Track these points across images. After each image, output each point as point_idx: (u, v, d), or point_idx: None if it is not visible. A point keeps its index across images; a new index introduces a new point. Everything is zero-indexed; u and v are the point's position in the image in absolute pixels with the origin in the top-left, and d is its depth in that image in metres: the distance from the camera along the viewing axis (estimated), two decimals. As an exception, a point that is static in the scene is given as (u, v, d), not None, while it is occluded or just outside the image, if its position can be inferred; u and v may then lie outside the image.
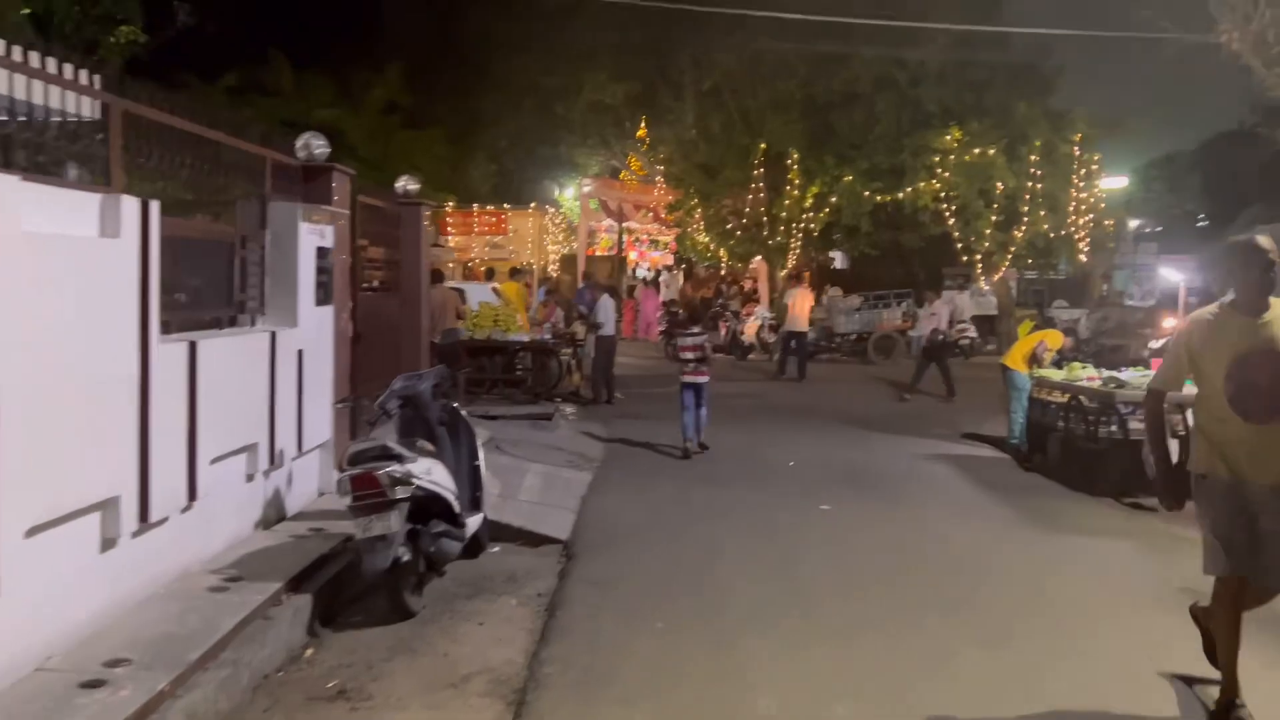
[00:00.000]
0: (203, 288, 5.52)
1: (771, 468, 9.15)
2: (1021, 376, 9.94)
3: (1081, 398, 8.82)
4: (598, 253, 30.87)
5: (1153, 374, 8.31)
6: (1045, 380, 9.59)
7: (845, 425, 11.93)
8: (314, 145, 6.71)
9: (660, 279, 26.52)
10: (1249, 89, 17.02)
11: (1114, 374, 8.95)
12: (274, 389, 5.91)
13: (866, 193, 20.15)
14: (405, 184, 9.90)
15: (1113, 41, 16.25)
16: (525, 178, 30.27)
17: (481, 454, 6.26)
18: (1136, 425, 8.19)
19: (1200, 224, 38.13)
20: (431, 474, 5.61)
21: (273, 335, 5.93)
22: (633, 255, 32.18)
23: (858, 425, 11.94)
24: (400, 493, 5.24)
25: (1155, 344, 13.40)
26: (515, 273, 16.99)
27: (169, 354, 4.65)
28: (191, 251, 5.28)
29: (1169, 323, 14.89)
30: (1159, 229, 38.70)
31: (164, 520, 4.64)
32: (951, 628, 5.04)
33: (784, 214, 21.29)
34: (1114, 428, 8.43)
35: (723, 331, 19.90)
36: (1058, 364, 10.05)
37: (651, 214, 24.74)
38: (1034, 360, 9.90)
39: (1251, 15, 13.38)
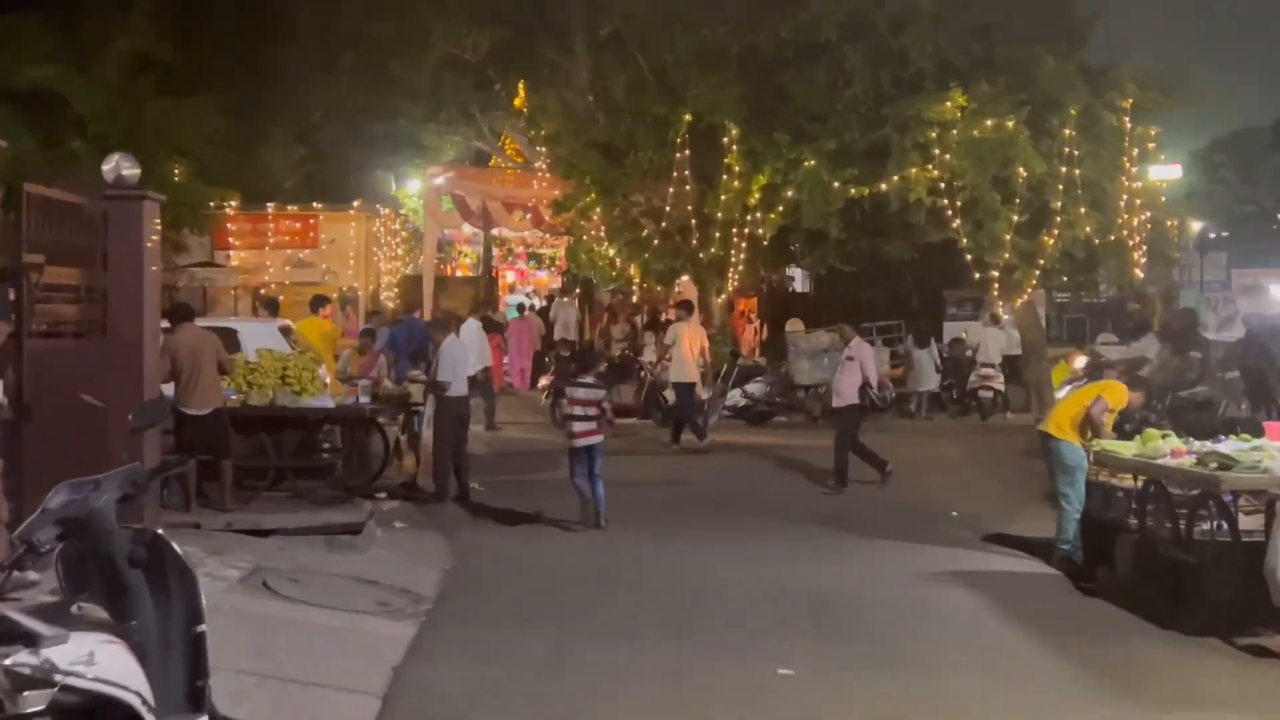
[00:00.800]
0: None
1: (701, 600, 8.99)
2: (1074, 450, 9.86)
3: (1165, 482, 8.84)
4: (457, 273, 30.54)
5: (1270, 444, 8.54)
6: (1109, 456, 9.56)
7: (809, 525, 11.98)
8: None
9: (550, 310, 26.15)
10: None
11: (1212, 446, 8.80)
12: None
13: (836, 184, 19.61)
14: (118, 166, 8.97)
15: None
16: (347, 166, 30.14)
17: (222, 602, 5.22)
18: (1252, 523, 8.19)
19: (1283, 225, 39.22)
20: (98, 662, 4.55)
21: None
22: (510, 277, 31.94)
23: (828, 524, 12.00)
24: (29, 703, 4.18)
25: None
26: (318, 303, 16.06)
27: None
28: None
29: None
30: (1224, 234, 39.54)
31: None
32: None
33: (720, 214, 20.77)
34: (1217, 527, 8.38)
35: (644, 384, 19.74)
36: (1123, 429, 10.15)
37: (530, 216, 24.16)
38: (1090, 426, 9.81)
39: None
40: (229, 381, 12.02)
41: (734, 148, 20.54)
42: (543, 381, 20.58)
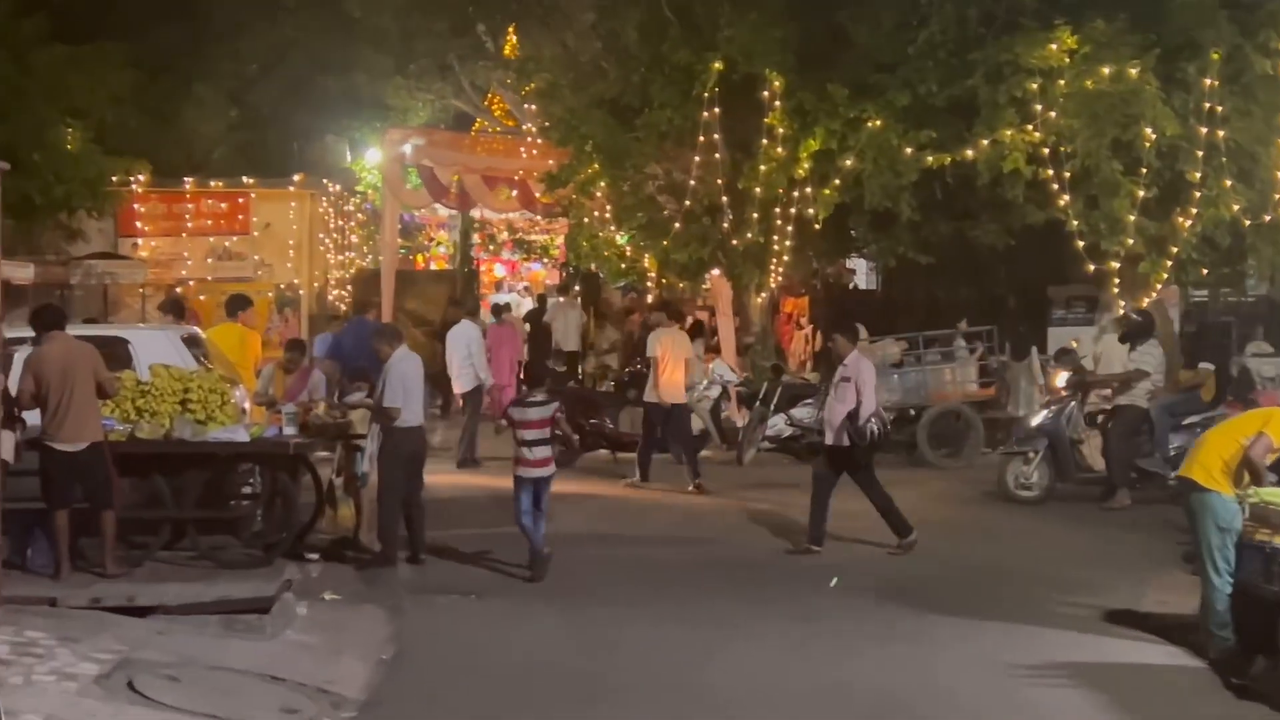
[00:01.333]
0: None
1: (726, 708, 8.75)
2: (1226, 504, 9.57)
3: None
4: (432, 266, 30.57)
5: None
6: (1273, 511, 9.40)
7: (869, 597, 11.86)
8: None
9: (544, 313, 26.16)
10: None
11: None
12: None
13: (909, 150, 19.43)
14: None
15: None
16: (291, 132, 30.26)
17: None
18: None
19: None
20: None
21: None
22: (499, 271, 32.10)
23: (894, 596, 11.84)
24: None
25: None
26: (236, 305, 15.74)
27: None
28: None
29: None
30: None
31: None
32: None
33: (759, 189, 20.59)
34: None
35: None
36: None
37: (517, 193, 23.89)
38: (1249, 471, 9.55)
39: None
40: (111, 407, 11.70)
41: (777, 104, 20.37)
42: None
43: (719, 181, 21.06)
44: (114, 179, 23.12)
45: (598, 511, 15.53)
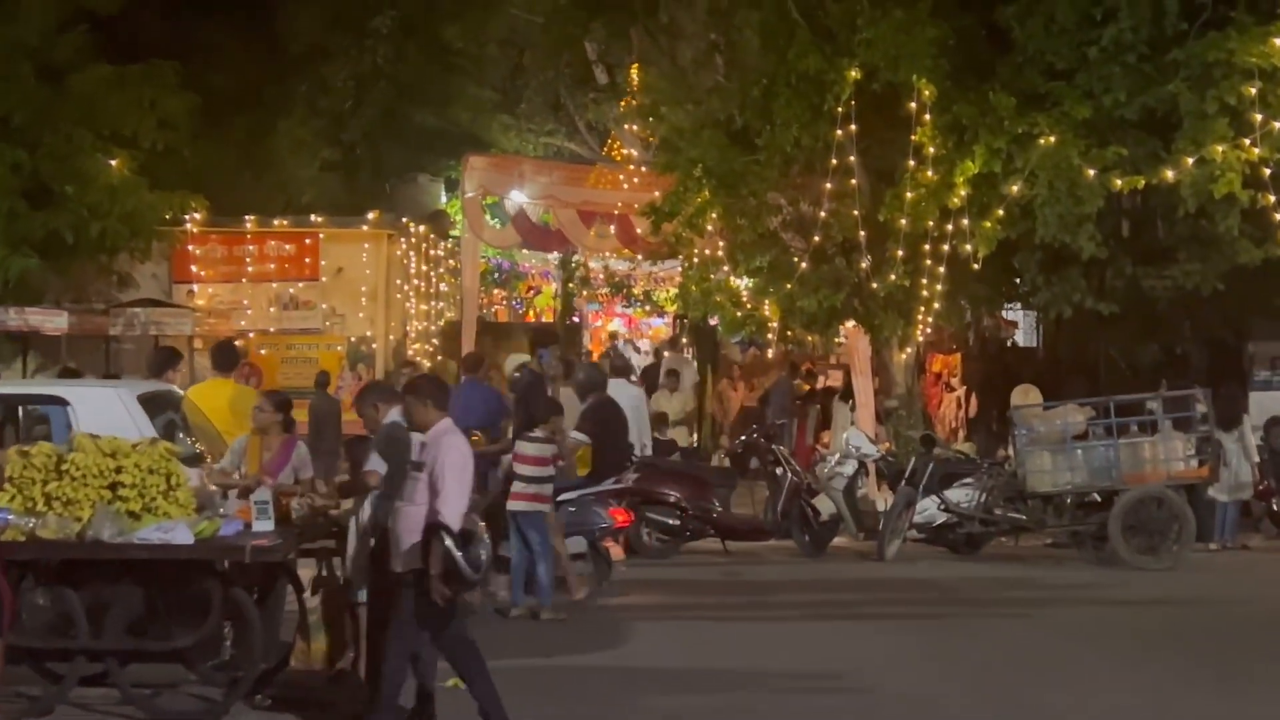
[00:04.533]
0: None
1: None
2: None
3: None
4: (536, 316, 29.23)
5: None
6: None
7: None
8: None
9: (659, 369, 24.09)
10: None
11: None
12: None
13: (1091, 171, 17.78)
14: None
15: None
16: (382, 171, 28.44)
17: None
18: None
19: None
20: None
21: None
22: (616, 325, 30.98)
23: None
24: None
25: None
26: (226, 355, 13.20)
27: None
28: None
29: None
30: None
31: None
32: None
33: (904, 222, 18.78)
34: None
35: (781, 486, 17.76)
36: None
37: (615, 228, 21.10)
38: None
39: None
40: (11, 494, 9.16)
41: (926, 118, 18.77)
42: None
43: (855, 213, 19.03)
44: (166, 216, 20.62)
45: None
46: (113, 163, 19.47)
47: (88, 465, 9.22)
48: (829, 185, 18.93)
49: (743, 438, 18.94)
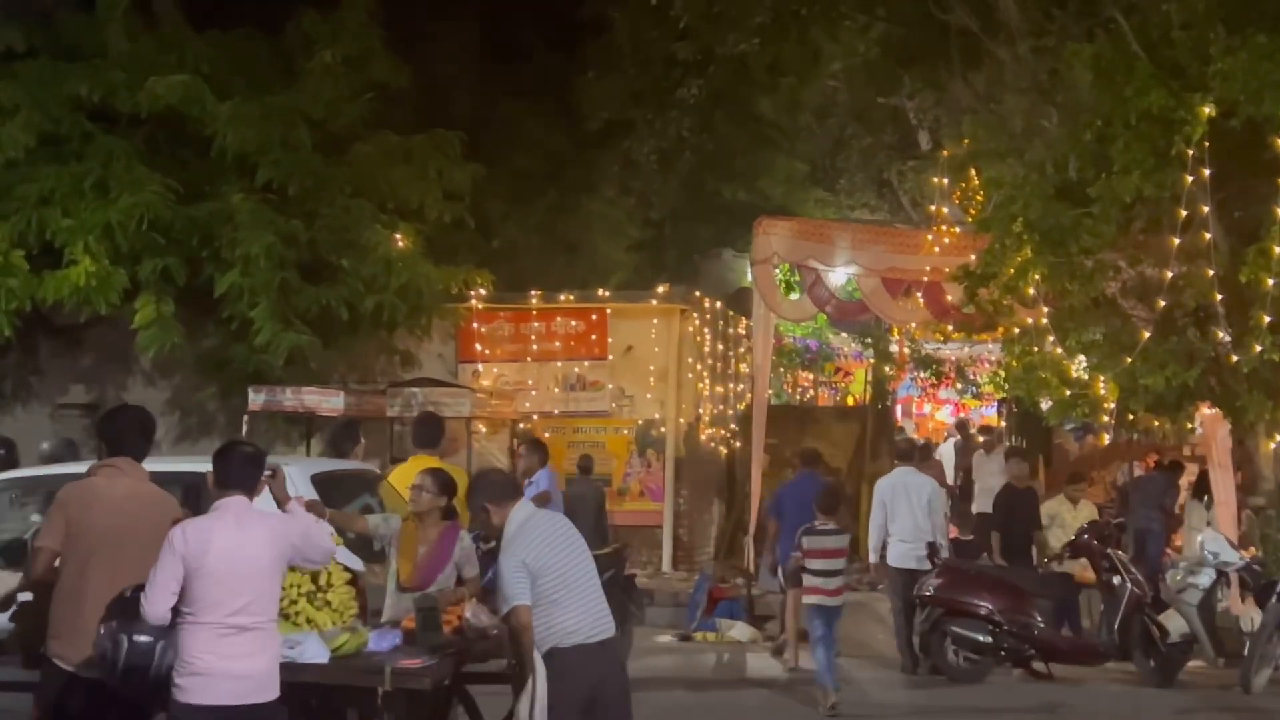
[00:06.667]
0: None
1: None
2: None
3: None
4: (857, 401, 27.72)
5: None
6: None
7: None
8: None
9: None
10: None
11: None
12: None
13: None
14: None
15: None
16: (693, 245, 28.14)
17: None
18: None
19: None
20: None
21: None
22: (945, 413, 30.24)
23: None
24: None
25: None
26: (429, 430, 11.92)
27: None
28: None
29: None
30: None
31: None
32: None
33: (1270, 284, 16.31)
34: None
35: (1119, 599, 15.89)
36: None
37: (924, 297, 19.11)
38: None
39: None
40: None
41: None
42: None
43: (1210, 273, 16.54)
44: (452, 292, 19.82)
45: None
46: (396, 236, 18.64)
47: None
48: (1178, 241, 16.56)
49: (1069, 539, 16.57)
